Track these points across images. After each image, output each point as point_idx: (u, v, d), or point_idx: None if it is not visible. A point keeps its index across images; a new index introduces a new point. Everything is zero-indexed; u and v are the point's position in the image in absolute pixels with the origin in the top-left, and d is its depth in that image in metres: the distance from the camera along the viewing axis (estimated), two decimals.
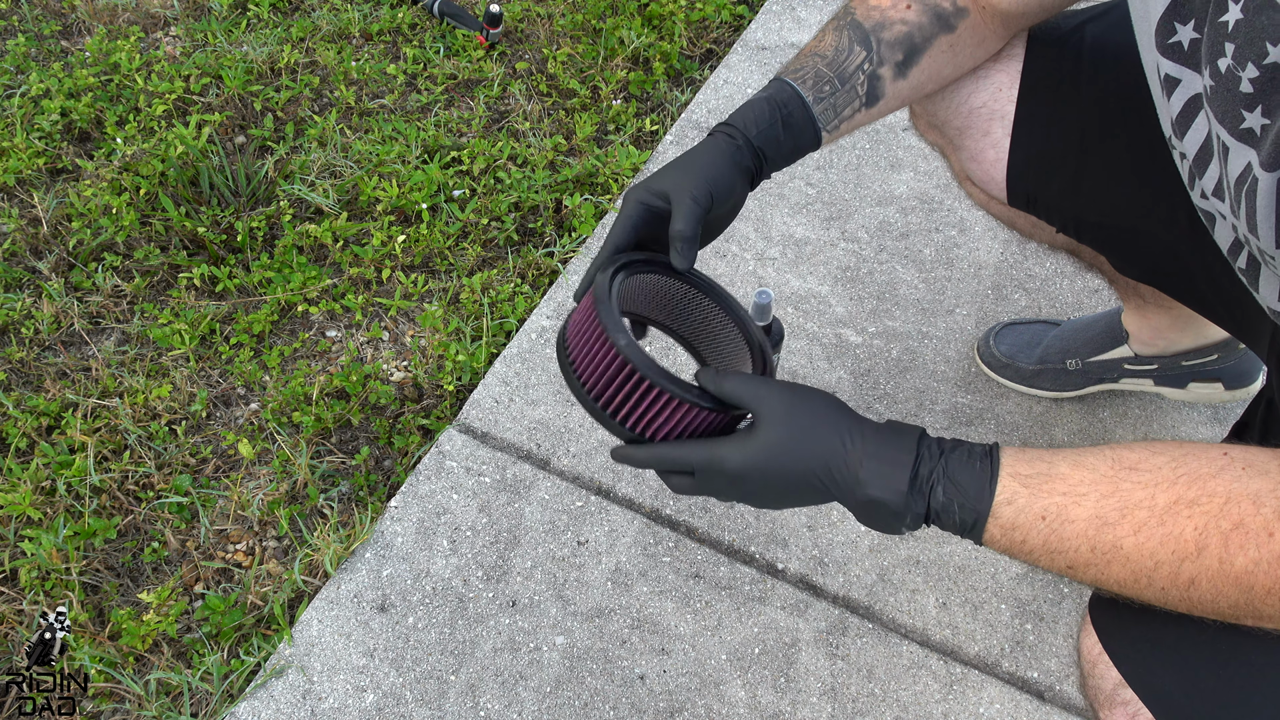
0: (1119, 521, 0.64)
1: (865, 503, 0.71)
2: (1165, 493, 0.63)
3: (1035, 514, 0.66)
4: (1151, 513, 0.63)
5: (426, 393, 1.47)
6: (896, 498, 0.69)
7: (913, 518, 0.70)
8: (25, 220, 1.65)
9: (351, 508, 1.35)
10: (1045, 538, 0.66)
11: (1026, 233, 1.17)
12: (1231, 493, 0.61)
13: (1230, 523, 0.60)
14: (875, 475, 0.70)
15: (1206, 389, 1.35)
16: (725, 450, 0.73)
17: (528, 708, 1.16)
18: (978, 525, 0.68)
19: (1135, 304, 1.28)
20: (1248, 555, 0.60)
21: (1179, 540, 0.62)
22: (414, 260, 1.62)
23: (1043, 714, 1.15)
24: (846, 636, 1.21)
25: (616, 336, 0.74)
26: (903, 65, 0.92)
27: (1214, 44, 0.63)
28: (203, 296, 1.58)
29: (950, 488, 0.69)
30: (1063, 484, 0.66)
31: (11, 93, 1.86)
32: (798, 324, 1.51)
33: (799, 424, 0.72)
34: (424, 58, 1.93)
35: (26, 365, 1.49)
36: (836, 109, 0.91)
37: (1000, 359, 1.42)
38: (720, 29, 2.01)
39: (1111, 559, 0.64)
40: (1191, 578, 0.62)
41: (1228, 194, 0.67)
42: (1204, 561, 0.61)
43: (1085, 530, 0.65)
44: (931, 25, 0.91)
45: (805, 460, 0.72)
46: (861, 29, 0.91)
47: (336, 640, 1.21)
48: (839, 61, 0.91)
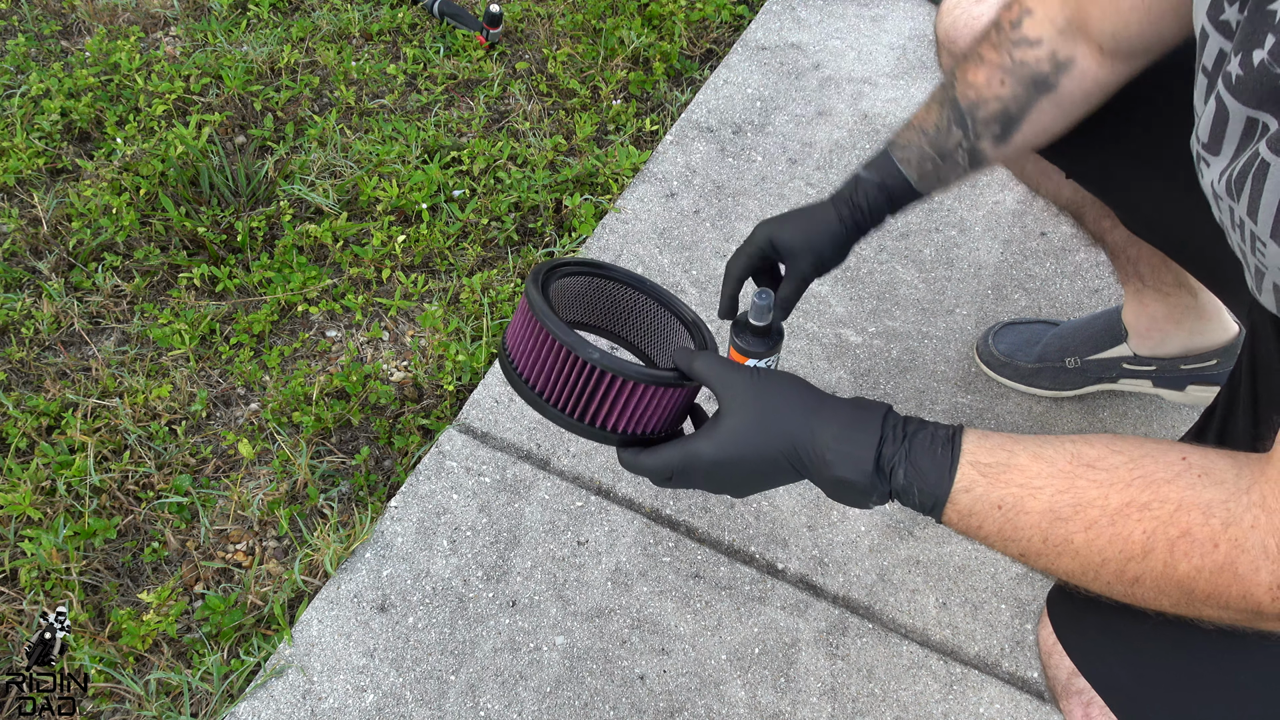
0: (1071, 518, 0.66)
1: (833, 481, 0.73)
2: (1119, 494, 0.64)
3: (992, 503, 0.68)
4: (1103, 512, 0.64)
5: (426, 393, 1.47)
6: (863, 478, 0.71)
7: (879, 495, 0.73)
8: (25, 220, 1.65)
9: (351, 508, 1.35)
10: (1000, 526, 0.68)
11: (1034, 183, 1.20)
12: (1183, 500, 0.62)
13: (1178, 530, 0.62)
14: (842, 457, 0.72)
15: (1204, 392, 1.35)
16: (696, 445, 0.75)
17: (528, 708, 1.16)
18: (936, 508, 0.71)
19: (1134, 287, 1.28)
20: (1191, 562, 0.61)
21: (1127, 541, 0.63)
22: (414, 260, 1.62)
23: (1043, 714, 1.15)
24: (846, 636, 1.21)
25: (577, 346, 0.74)
26: (1001, 136, 0.97)
27: (1256, 31, 0.63)
28: (203, 296, 1.58)
29: (911, 471, 0.70)
30: (1020, 475, 0.68)
31: (11, 93, 1.86)
32: (798, 324, 1.51)
33: (763, 407, 0.74)
34: (424, 58, 1.94)
35: (26, 365, 1.49)
36: (941, 178, 1.00)
37: (999, 358, 1.42)
38: (720, 29, 2.01)
39: (1062, 552, 0.66)
40: (1136, 576, 0.64)
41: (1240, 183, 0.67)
42: (1149, 563, 0.63)
43: (1039, 523, 0.67)
44: (1028, 93, 0.94)
45: (774, 443, 0.74)
46: (958, 108, 0.97)
47: (336, 640, 1.21)
48: (939, 141, 0.98)
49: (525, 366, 0.77)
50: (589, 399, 0.76)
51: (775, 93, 1.84)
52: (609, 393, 0.75)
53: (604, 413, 0.77)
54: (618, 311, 0.92)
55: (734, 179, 1.71)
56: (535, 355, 0.76)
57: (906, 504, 0.72)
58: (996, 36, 0.94)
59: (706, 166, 1.73)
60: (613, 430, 0.78)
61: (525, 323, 0.76)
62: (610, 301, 0.91)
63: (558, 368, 0.75)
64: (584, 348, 0.74)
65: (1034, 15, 0.92)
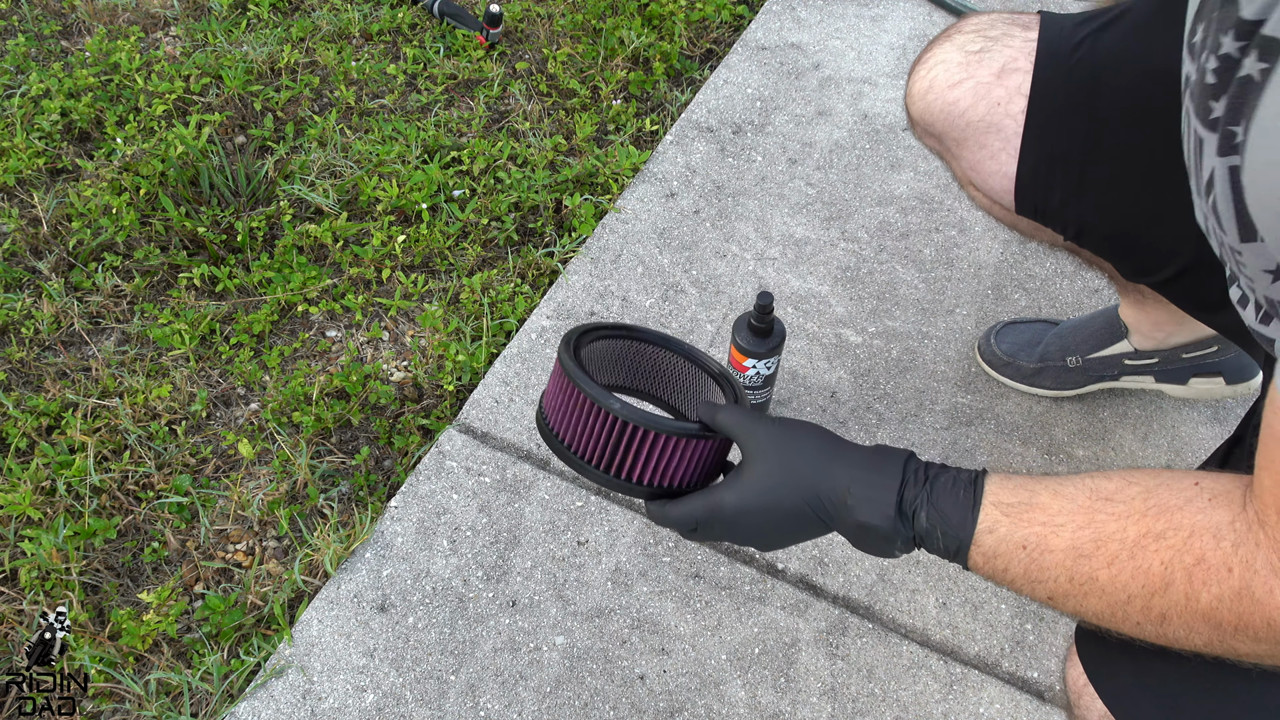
0: (1094, 554, 0.64)
1: (856, 527, 0.72)
2: (1136, 525, 0.63)
3: (1016, 543, 0.67)
4: (1123, 545, 0.63)
5: (426, 393, 1.47)
6: (885, 522, 0.70)
7: (903, 541, 0.71)
8: (25, 220, 1.65)
9: (351, 508, 1.35)
10: (1026, 567, 0.67)
11: (1028, 234, 1.18)
12: (1195, 526, 0.61)
13: (1193, 558, 0.61)
14: (863, 501, 0.71)
15: (1208, 384, 1.35)
16: (719, 494, 0.75)
17: (528, 708, 1.16)
18: (961, 552, 0.69)
19: (1134, 299, 1.28)
20: (1210, 591, 0.60)
21: (1148, 574, 0.62)
22: (414, 260, 1.62)
23: (1043, 714, 1.15)
24: (846, 636, 1.21)
25: (602, 399, 0.76)
26: None
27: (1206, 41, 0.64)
28: (203, 296, 1.58)
29: (934, 514, 0.70)
30: (1042, 514, 0.67)
31: (11, 93, 1.86)
32: (798, 324, 1.51)
33: (785, 455, 0.74)
34: (424, 58, 1.93)
35: (26, 365, 1.49)
36: None
37: (1001, 357, 1.42)
38: (720, 29, 2.01)
39: (1088, 591, 0.65)
40: (1163, 612, 0.62)
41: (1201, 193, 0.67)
42: (1172, 596, 0.62)
43: (1063, 561, 0.66)
44: None
45: (796, 491, 0.73)
46: None
47: (336, 640, 1.21)
48: None
49: (559, 425, 0.80)
50: (618, 453, 0.77)
51: (775, 93, 1.84)
52: (637, 446, 0.77)
53: (633, 466, 0.78)
54: (649, 371, 0.94)
55: (734, 179, 1.71)
56: (567, 413, 0.79)
57: (931, 549, 0.71)
58: None
59: (706, 166, 1.73)
60: (643, 483, 0.79)
61: (558, 383, 0.80)
62: (641, 362, 0.93)
63: (586, 423, 0.78)
64: (608, 401, 0.76)
65: None
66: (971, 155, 1.06)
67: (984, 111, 1.02)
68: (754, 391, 1.32)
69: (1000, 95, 1.01)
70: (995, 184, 1.07)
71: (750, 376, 1.29)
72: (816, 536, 0.75)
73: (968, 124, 1.04)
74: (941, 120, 1.05)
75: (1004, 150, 1.04)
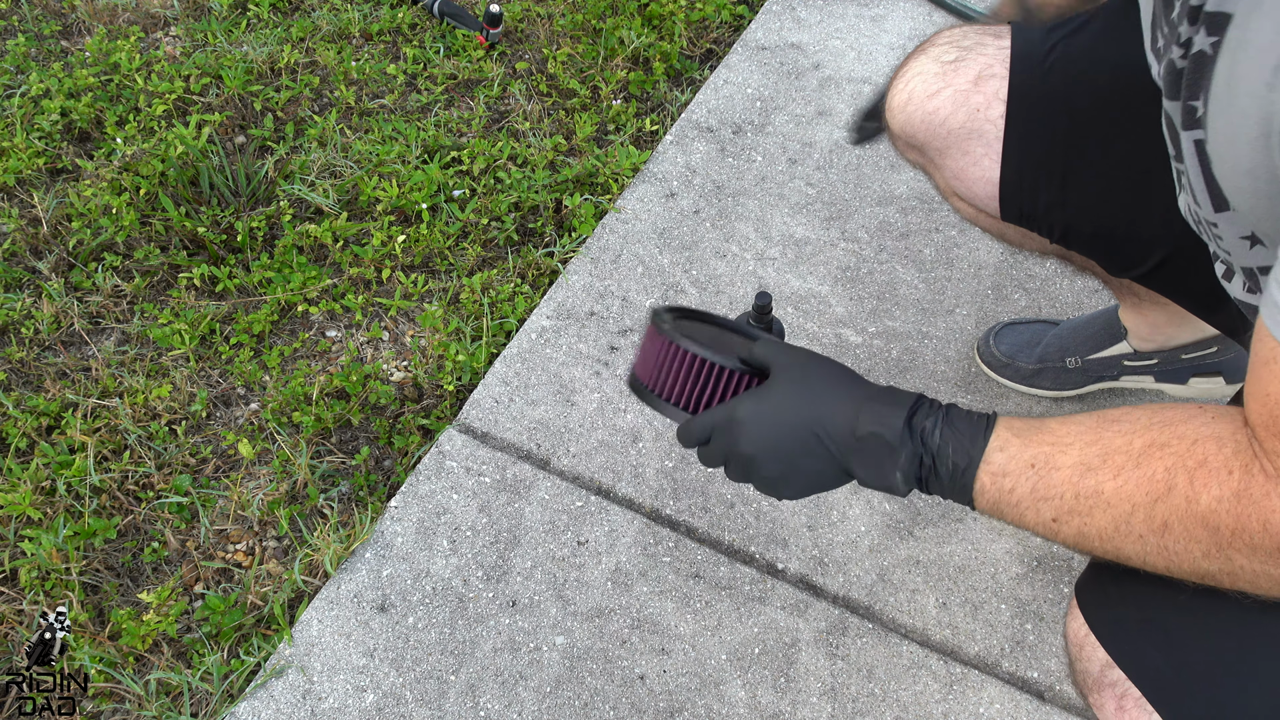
0: (1100, 467, 0.67)
1: (861, 439, 0.74)
2: (1141, 437, 0.67)
3: (1025, 461, 0.70)
4: (1129, 456, 0.66)
5: (426, 393, 1.47)
6: (891, 433, 0.73)
7: (908, 457, 0.73)
8: (25, 220, 1.65)
9: (351, 508, 1.35)
10: (1033, 484, 0.70)
11: (1017, 243, 1.18)
12: (1199, 434, 0.65)
13: (1195, 461, 0.64)
14: (872, 415, 0.74)
15: (1208, 383, 1.35)
16: (737, 402, 0.79)
17: (528, 708, 1.16)
18: (969, 470, 0.71)
19: (1131, 302, 1.29)
20: (1210, 493, 0.62)
21: (1151, 480, 0.65)
22: (414, 260, 1.62)
23: (1043, 714, 1.15)
24: (846, 636, 1.21)
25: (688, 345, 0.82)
26: None
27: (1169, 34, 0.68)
28: (203, 296, 1.58)
29: (947, 430, 0.72)
30: (1051, 435, 0.70)
31: (11, 93, 1.86)
32: (798, 324, 1.51)
33: (805, 375, 0.78)
34: (424, 58, 1.93)
35: (26, 365, 1.49)
36: None
37: (1000, 358, 1.42)
38: (720, 29, 2.01)
39: (1094, 505, 0.67)
40: (1165, 520, 0.65)
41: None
42: (1173, 501, 0.64)
43: (1070, 477, 0.68)
44: None
45: (809, 404, 0.76)
46: None
47: (336, 640, 1.21)
48: None
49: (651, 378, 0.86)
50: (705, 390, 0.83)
51: (775, 93, 1.84)
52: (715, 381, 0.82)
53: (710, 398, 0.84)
54: None
55: (734, 179, 1.71)
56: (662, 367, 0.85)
57: (939, 468, 0.73)
58: None
59: (706, 166, 1.73)
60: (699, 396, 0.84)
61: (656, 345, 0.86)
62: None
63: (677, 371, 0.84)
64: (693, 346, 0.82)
65: None
66: (954, 163, 1.07)
67: (964, 118, 1.03)
68: None
69: (979, 101, 1.02)
70: (980, 190, 1.08)
71: None
72: (821, 467, 0.77)
73: (949, 132, 1.04)
74: (923, 130, 1.06)
75: (986, 156, 1.05)
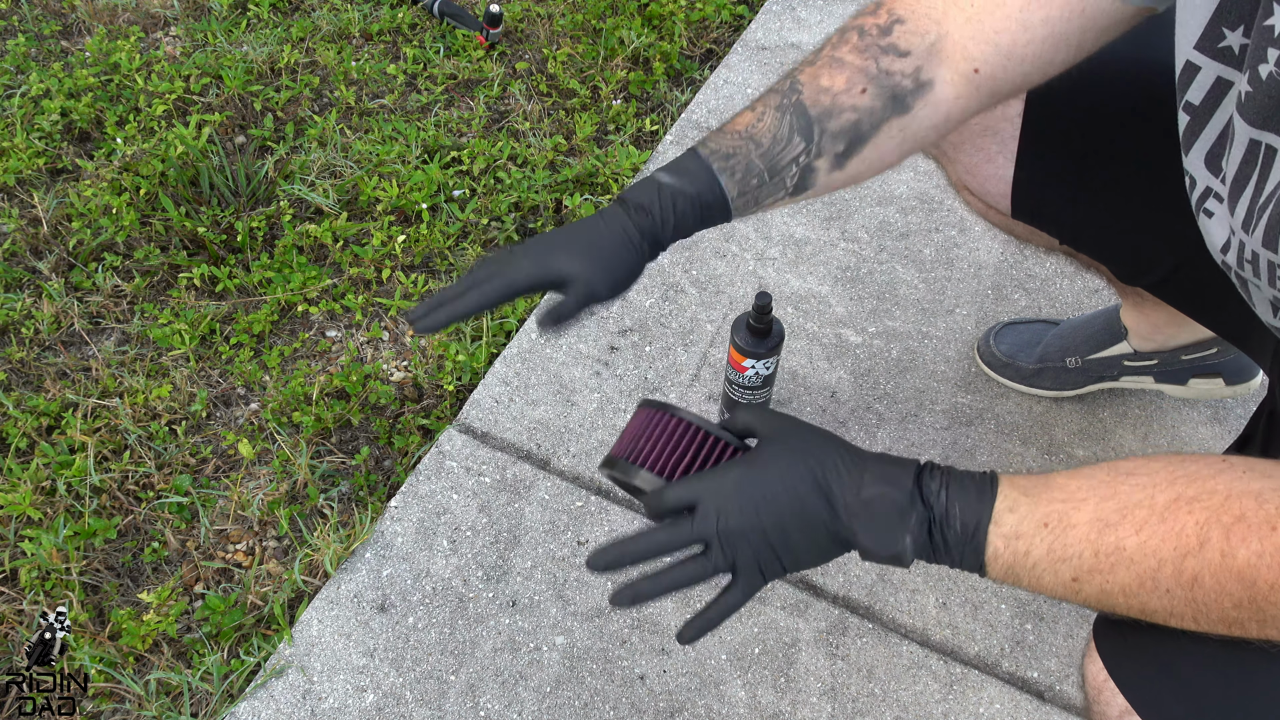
0: (1120, 522, 0.63)
1: (868, 500, 0.69)
2: (1164, 492, 0.63)
3: (1038, 520, 0.66)
4: (1152, 511, 0.62)
5: (426, 393, 1.47)
6: (901, 493, 0.69)
7: (918, 521, 0.69)
8: (25, 220, 1.65)
9: (351, 508, 1.35)
10: (1049, 545, 0.65)
11: (1024, 238, 1.17)
12: (1232, 489, 0.61)
13: (1232, 516, 0.60)
14: (879, 474, 0.69)
15: (1207, 384, 1.35)
16: (722, 469, 0.74)
17: (528, 708, 1.16)
18: (979, 531, 0.67)
19: (1134, 301, 1.29)
20: (1250, 548, 0.59)
21: (1180, 535, 0.61)
22: (414, 260, 1.62)
23: (1043, 714, 1.15)
24: (846, 636, 1.21)
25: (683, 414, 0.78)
26: (842, 156, 0.85)
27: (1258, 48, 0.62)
28: (203, 296, 1.58)
29: (953, 490, 0.68)
30: (1061, 492, 0.66)
31: (11, 93, 1.86)
32: (798, 324, 1.51)
33: (800, 437, 0.73)
34: (424, 58, 1.94)
35: (26, 365, 1.49)
36: (758, 200, 0.85)
37: (1000, 358, 1.42)
38: (720, 29, 2.01)
39: (1116, 562, 0.64)
40: (1195, 574, 0.61)
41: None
42: (1206, 555, 0.60)
43: (1088, 534, 0.64)
44: (884, 109, 0.83)
45: (809, 465, 0.71)
46: (806, 116, 0.84)
47: (336, 640, 1.21)
48: (774, 153, 0.84)
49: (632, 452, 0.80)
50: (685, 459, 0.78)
51: None
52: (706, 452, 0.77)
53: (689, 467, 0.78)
54: None
55: None
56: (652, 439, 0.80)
57: (948, 532, 0.68)
58: (860, 40, 0.84)
59: None
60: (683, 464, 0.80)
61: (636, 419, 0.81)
62: None
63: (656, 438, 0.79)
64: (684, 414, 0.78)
65: (905, 25, 0.83)
66: (968, 159, 1.06)
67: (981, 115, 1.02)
68: (753, 392, 1.32)
69: None
70: (992, 188, 1.07)
71: (749, 377, 1.29)
72: (818, 537, 0.72)
73: (965, 127, 1.04)
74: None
75: (1000, 154, 1.04)
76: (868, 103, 0.83)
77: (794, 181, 0.85)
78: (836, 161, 0.85)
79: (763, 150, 0.84)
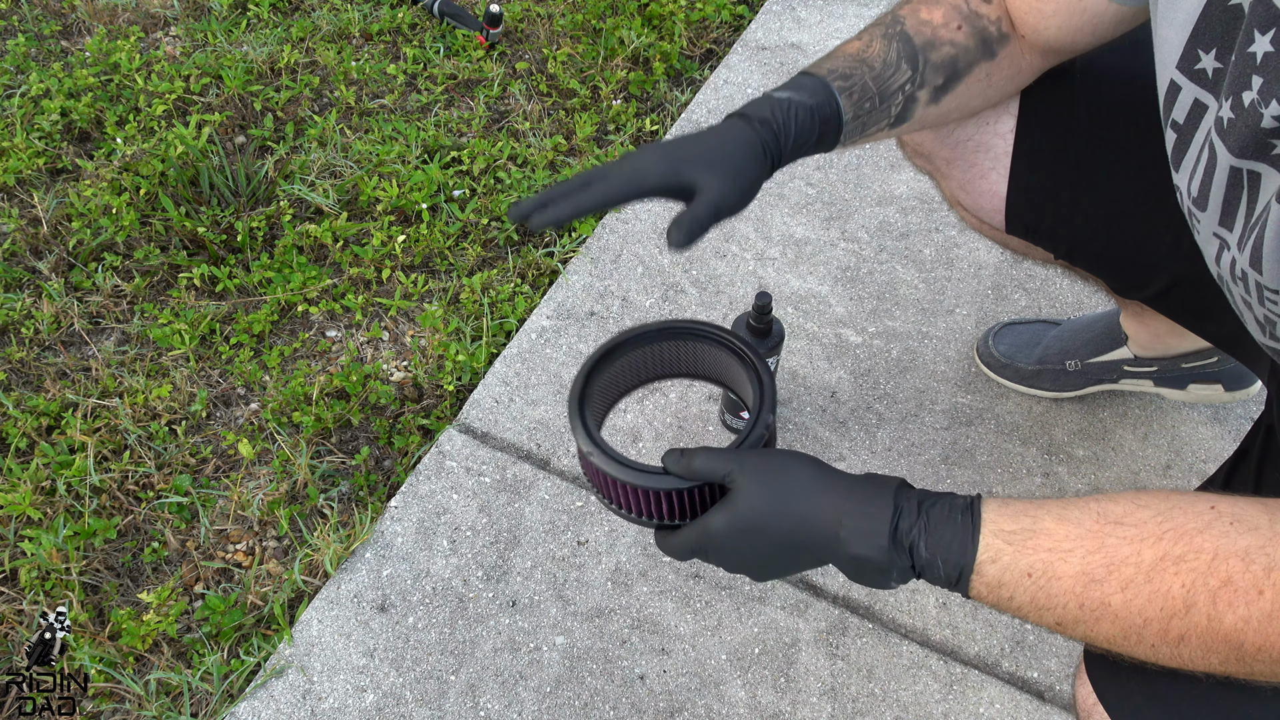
0: (1106, 579, 0.63)
1: (850, 560, 0.70)
2: (1151, 549, 0.62)
3: (1021, 571, 0.65)
4: (1138, 570, 0.62)
5: (426, 393, 1.47)
6: (879, 554, 0.68)
7: (899, 571, 0.69)
8: (25, 220, 1.65)
9: (351, 508, 1.35)
10: (1033, 595, 0.65)
11: (1019, 252, 1.17)
12: (1219, 549, 0.60)
13: (1218, 580, 0.60)
14: (856, 533, 0.69)
15: (1206, 390, 1.35)
16: (709, 521, 0.74)
17: (528, 708, 1.16)
18: (962, 580, 0.67)
19: (1133, 311, 1.28)
20: (1236, 613, 0.59)
21: (1167, 597, 0.61)
22: (414, 260, 1.62)
23: (1043, 714, 1.15)
24: (846, 636, 1.21)
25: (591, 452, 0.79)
26: (940, 90, 0.88)
27: (1240, 74, 0.62)
28: (203, 296, 1.58)
29: (932, 543, 0.68)
30: (1048, 540, 0.65)
31: (11, 93, 1.86)
32: (798, 324, 1.51)
33: (771, 484, 0.72)
34: (424, 58, 1.94)
35: (26, 365, 1.49)
36: (864, 127, 0.87)
37: (1000, 359, 1.42)
38: (720, 29, 2.01)
39: (1100, 616, 0.64)
40: (1181, 634, 0.61)
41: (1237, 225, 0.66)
42: (1192, 619, 0.60)
43: (1072, 587, 0.64)
44: (976, 50, 0.87)
45: (783, 518, 0.71)
46: (911, 44, 0.86)
47: (336, 640, 1.21)
48: (885, 77, 0.85)
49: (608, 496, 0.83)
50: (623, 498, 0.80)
51: None
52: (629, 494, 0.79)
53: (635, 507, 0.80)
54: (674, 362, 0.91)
55: None
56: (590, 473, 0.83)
57: (931, 579, 0.69)
58: None
59: None
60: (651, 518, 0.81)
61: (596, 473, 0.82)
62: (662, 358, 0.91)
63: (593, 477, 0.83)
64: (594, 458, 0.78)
65: None
66: (961, 174, 1.06)
67: (973, 130, 1.02)
68: None
69: (989, 114, 1.01)
70: (985, 203, 1.07)
71: None
72: (811, 568, 0.73)
73: (957, 143, 1.03)
74: (931, 139, 1.05)
75: (994, 169, 1.04)
76: (963, 40, 0.87)
77: (897, 110, 0.87)
78: (934, 95, 0.88)
79: (875, 73, 0.85)
